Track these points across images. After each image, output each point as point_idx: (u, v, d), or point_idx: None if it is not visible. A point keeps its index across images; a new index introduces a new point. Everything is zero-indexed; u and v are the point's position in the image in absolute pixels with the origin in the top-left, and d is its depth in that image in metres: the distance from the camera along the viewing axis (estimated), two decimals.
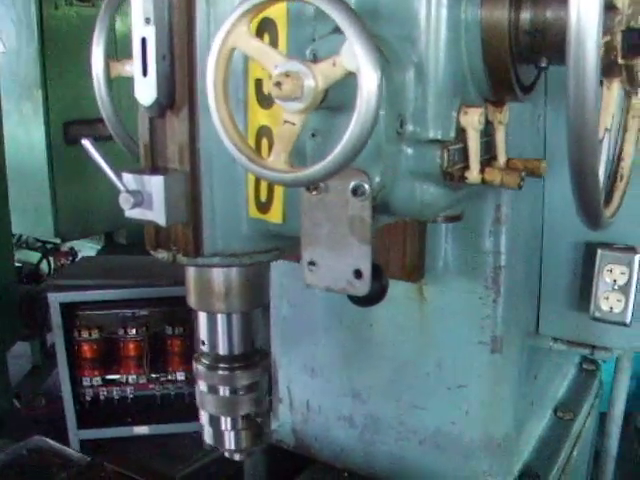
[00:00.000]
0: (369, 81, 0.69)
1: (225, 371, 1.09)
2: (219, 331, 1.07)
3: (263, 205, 0.92)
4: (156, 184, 0.88)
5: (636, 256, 1.33)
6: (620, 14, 0.81)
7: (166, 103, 0.90)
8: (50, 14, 4.41)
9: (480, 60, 0.87)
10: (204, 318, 1.08)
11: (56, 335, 3.37)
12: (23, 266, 4.68)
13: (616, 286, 1.35)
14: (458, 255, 1.39)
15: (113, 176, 0.89)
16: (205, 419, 1.16)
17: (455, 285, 1.40)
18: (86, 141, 0.91)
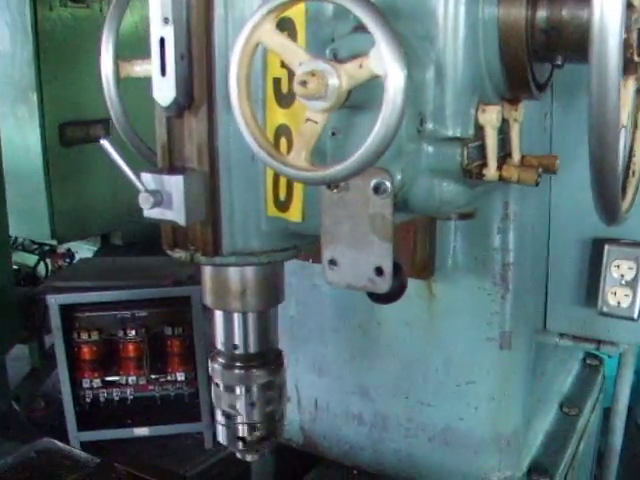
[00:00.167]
0: (396, 85, 0.69)
1: (241, 370, 1.09)
2: (235, 330, 1.08)
3: (282, 204, 0.93)
4: (176, 183, 0.89)
5: None
6: (637, 12, 0.82)
7: (184, 103, 0.90)
8: (44, 16, 4.39)
9: (497, 58, 0.88)
10: (220, 317, 1.08)
11: (56, 337, 3.37)
12: (20, 269, 4.66)
13: (623, 281, 1.36)
14: (467, 252, 1.40)
15: (132, 176, 0.90)
16: (220, 418, 1.16)
17: (464, 282, 1.41)
18: (104, 141, 0.92)
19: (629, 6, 0.81)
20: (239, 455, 1.20)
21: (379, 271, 0.85)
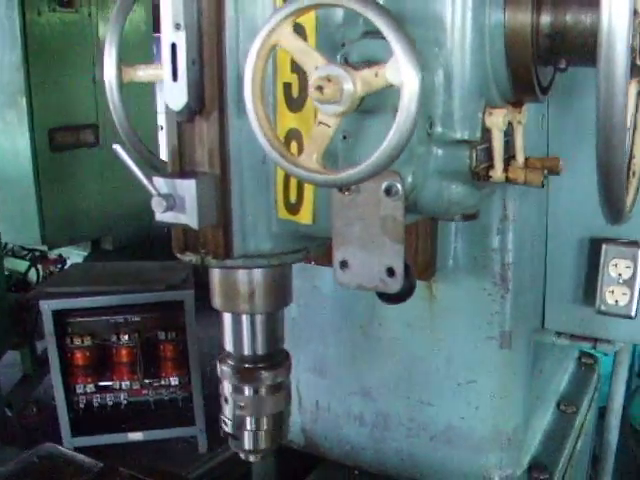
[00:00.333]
0: (411, 95, 0.71)
1: (250, 371, 1.11)
2: (244, 332, 1.09)
3: (293, 206, 0.94)
4: (188, 187, 0.90)
5: None
6: (639, 17, 0.84)
7: (195, 107, 0.91)
8: (33, 20, 4.39)
9: (503, 63, 0.90)
10: (229, 319, 1.09)
11: (49, 343, 3.36)
12: (11, 274, 4.63)
13: (621, 280, 1.38)
14: (467, 253, 1.42)
15: (145, 180, 0.91)
16: (226, 419, 1.17)
17: (464, 282, 1.43)
18: (117, 146, 0.93)
19: (634, 12, 0.83)
20: (242, 456, 1.21)
21: (390, 272, 0.87)
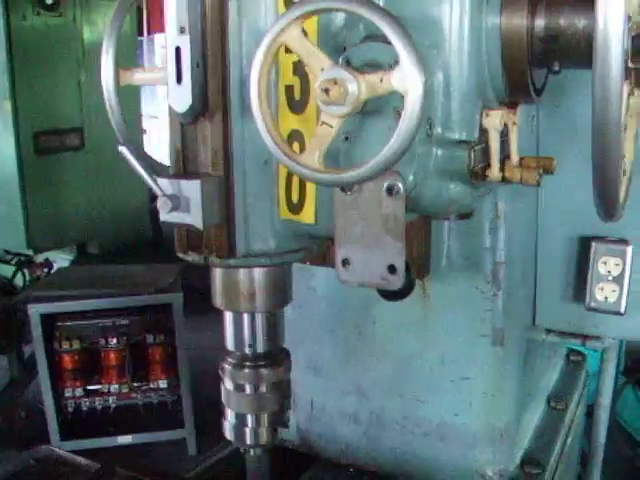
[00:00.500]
0: (415, 102, 0.74)
1: (251, 369, 1.12)
2: (245, 330, 1.10)
3: (295, 206, 0.96)
4: (193, 188, 0.92)
5: (629, 248, 1.40)
6: (630, 22, 0.87)
7: (199, 109, 0.93)
8: (18, 24, 4.37)
9: (499, 65, 0.93)
10: (230, 318, 1.11)
11: (37, 347, 3.35)
12: None
13: (610, 277, 1.42)
14: (460, 252, 1.44)
15: (150, 181, 0.92)
16: (228, 416, 1.18)
17: (457, 281, 1.46)
18: (123, 148, 0.94)
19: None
20: (242, 450, 1.23)
21: (392, 269, 0.89)
